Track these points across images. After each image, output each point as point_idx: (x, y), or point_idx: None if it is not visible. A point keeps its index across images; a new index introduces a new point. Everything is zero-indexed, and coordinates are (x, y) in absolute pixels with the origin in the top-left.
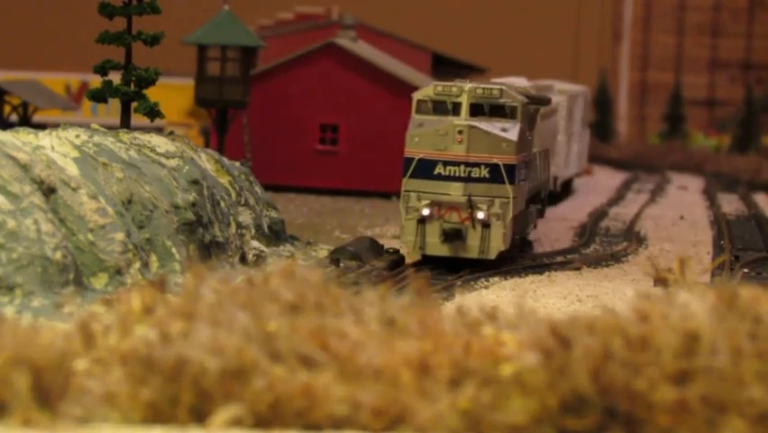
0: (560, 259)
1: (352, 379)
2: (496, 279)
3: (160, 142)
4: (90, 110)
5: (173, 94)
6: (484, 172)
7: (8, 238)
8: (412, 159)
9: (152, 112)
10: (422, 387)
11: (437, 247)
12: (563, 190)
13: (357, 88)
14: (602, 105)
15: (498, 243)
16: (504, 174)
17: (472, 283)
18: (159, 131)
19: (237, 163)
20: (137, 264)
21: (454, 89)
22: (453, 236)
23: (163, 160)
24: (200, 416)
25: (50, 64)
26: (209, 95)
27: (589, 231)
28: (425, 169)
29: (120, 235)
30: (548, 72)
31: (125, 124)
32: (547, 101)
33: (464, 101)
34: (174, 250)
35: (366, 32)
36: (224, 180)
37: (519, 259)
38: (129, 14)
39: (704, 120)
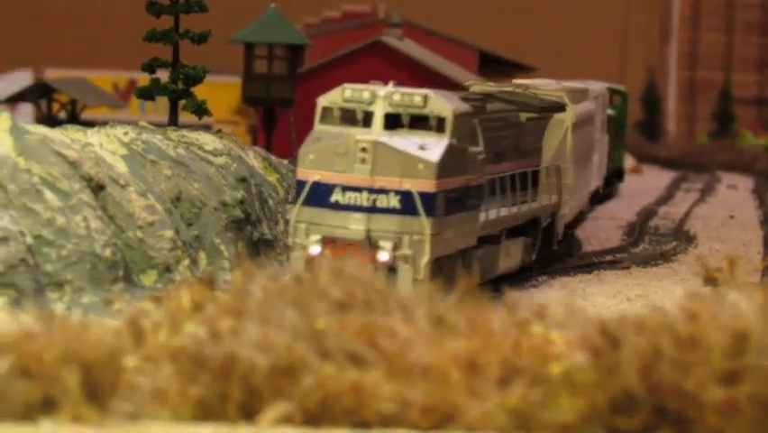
0: (609, 258)
1: (401, 377)
2: (544, 277)
3: (208, 140)
4: (138, 108)
5: (220, 92)
6: (394, 201)
7: (58, 235)
8: (305, 182)
9: (200, 110)
10: (471, 385)
11: None
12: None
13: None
14: (650, 105)
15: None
16: (419, 204)
17: (521, 282)
18: (206, 129)
19: (285, 161)
20: (186, 262)
21: (366, 94)
22: None
23: (211, 157)
24: (249, 413)
25: (98, 62)
26: (256, 93)
27: (638, 230)
28: (320, 195)
29: (169, 233)
30: (595, 71)
31: (173, 121)
32: (552, 108)
33: (378, 110)
34: (223, 247)
35: (412, 30)
36: (272, 178)
37: (567, 258)
38: (176, 12)
39: (753, 119)
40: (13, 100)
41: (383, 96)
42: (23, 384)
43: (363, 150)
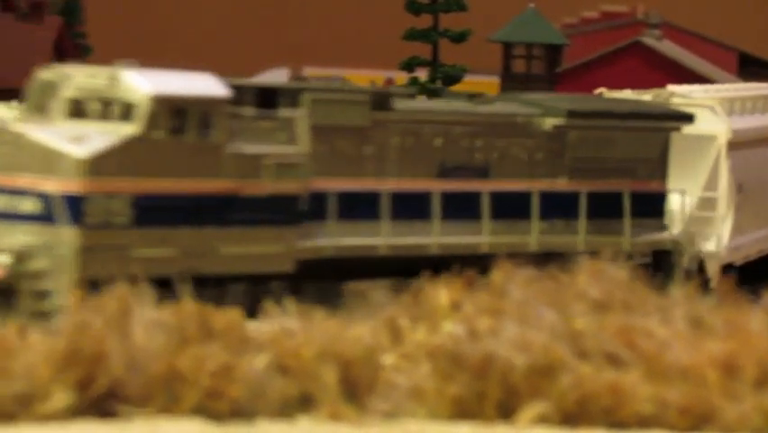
0: None
1: (659, 378)
2: None
3: None
4: None
5: (478, 91)
6: (31, 205)
7: None
8: None
9: None
10: (728, 387)
11: None
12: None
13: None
14: None
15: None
16: (59, 209)
17: None
18: None
19: None
20: None
21: (56, 76)
22: None
23: None
24: (507, 412)
25: (355, 61)
26: (516, 92)
27: None
28: None
29: None
30: None
31: None
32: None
33: (63, 95)
34: None
35: (671, 31)
36: None
37: None
38: (436, 11)
39: None
40: None
41: (70, 78)
42: (281, 381)
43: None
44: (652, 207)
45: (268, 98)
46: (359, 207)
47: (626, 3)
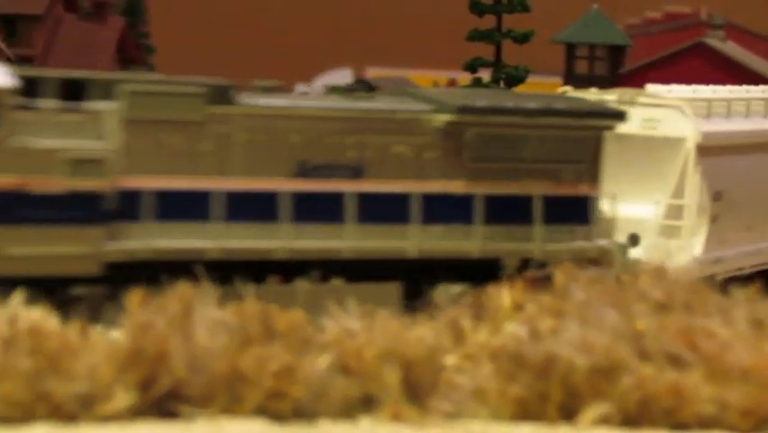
0: None
1: (720, 379)
2: None
3: None
4: None
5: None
6: None
7: None
8: None
9: None
10: None
11: None
12: None
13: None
14: None
15: None
16: None
17: None
18: None
19: None
20: None
21: None
22: None
23: None
24: (568, 413)
25: (419, 62)
26: None
27: None
28: None
29: None
30: None
31: None
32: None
33: None
34: None
35: (734, 32)
36: None
37: None
38: (499, 12)
39: None
40: None
41: None
42: (343, 381)
43: None
44: (576, 212)
45: (77, 91)
46: (186, 208)
47: (689, 3)
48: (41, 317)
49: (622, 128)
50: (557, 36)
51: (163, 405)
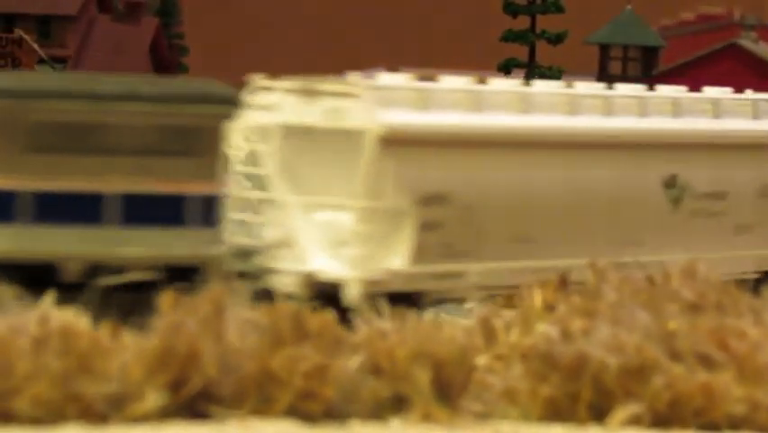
0: None
1: (751, 379)
2: None
3: None
4: None
5: None
6: None
7: None
8: None
9: None
10: None
11: None
12: None
13: (757, 90)
14: None
15: None
16: None
17: None
18: None
19: None
20: None
21: None
22: None
23: None
24: (599, 413)
25: (451, 63)
26: None
27: None
28: None
29: None
30: None
31: None
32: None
33: None
34: None
35: None
36: None
37: None
38: (533, 13)
39: None
40: None
41: None
42: (374, 382)
43: None
44: (174, 213)
45: None
46: None
47: (722, 4)
48: (72, 317)
49: (307, 120)
50: (591, 37)
51: (194, 405)
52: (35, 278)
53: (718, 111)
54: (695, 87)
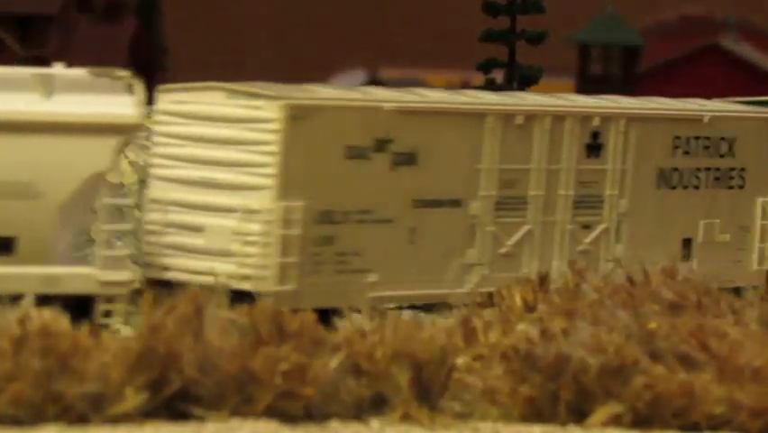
0: None
1: (731, 379)
2: None
3: None
4: None
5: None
6: None
7: None
8: None
9: None
10: None
11: None
12: None
13: (739, 91)
14: None
15: None
16: None
17: None
18: None
19: None
20: None
21: None
22: None
23: None
24: (580, 413)
25: (432, 62)
26: (591, 95)
27: None
28: None
29: None
30: None
31: None
32: None
33: None
34: None
35: (750, 34)
36: None
37: None
38: (513, 13)
39: None
40: None
41: None
42: (354, 382)
43: None
44: None
45: None
46: None
47: (705, 4)
48: (51, 317)
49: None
50: (571, 37)
51: (174, 406)
52: None
53: None
54: (676, 88)
